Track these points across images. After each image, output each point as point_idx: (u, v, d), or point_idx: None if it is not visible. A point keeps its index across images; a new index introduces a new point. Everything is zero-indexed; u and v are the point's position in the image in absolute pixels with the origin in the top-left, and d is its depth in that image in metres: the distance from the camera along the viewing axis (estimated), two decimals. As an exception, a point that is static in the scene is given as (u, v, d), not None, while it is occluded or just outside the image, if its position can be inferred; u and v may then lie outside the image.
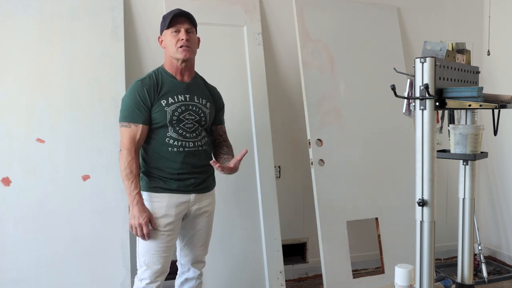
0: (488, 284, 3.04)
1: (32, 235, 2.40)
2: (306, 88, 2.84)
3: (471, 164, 2.00)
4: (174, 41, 1.97)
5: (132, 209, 1.90)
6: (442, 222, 3.45)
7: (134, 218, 1.89)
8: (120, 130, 1.94)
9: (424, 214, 1.66)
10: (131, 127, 1.91)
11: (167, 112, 1.95)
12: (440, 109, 1.76)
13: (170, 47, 1.99)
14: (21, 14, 2.48)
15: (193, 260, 2.13)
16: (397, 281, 1.74)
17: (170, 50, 1.99)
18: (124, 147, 1.91)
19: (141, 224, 1.89)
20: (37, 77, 2.49)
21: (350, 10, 3.08)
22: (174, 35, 1.98)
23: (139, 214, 1.89)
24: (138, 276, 2.01)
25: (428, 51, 1.79)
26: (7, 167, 2.39)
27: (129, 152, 1.90)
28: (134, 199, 1.89)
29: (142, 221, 1.89)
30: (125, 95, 1.97)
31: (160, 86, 1.96)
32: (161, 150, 1.96)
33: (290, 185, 3.11)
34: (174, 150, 1.96)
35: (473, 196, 2.02)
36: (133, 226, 1.90)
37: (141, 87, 1.93)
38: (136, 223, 1.89)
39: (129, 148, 1.91)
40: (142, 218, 1.89)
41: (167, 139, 1.96)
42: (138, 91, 1.93)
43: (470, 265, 2.04)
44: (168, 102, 1.96)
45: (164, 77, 2.00)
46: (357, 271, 3.17)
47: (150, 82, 1.96)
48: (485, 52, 3.44)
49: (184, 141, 1.98)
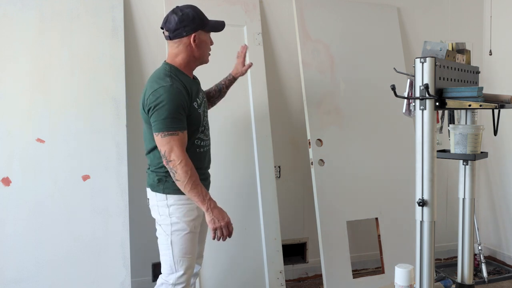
0: (488, 284, 3.04)
1: (32, 235, 2.40)
2: (306, 88, 2.84)
3: (471, 164, 2.01)
4: (209, 46, 1.97)
5: (211, 213, 1.81)
6: (442, 222, 3.45)
7: (219, 220, 1.82)
8: (164, 140, 1.78)
9: (424, 214, 1.67)
10: (179, 135, 1.79)
11: (200, 113, 1.92)
12: (440, 109, 1.76)
13: (204, 50, 1.95)
14: (21, 14, 2.48)
15: (197, 256, 2.11)
16: (397, 281, 1.74)
17: (203, 52, 1.95)
18: (180, 157, 1.77)
19: (227, 223, 1.84)
20: (37, 77, 2.49)
21: (350, 10, 3.08)
22: (209, 40, 1.98)
23: (221, 215, 1.83)
24: (171, 281, 1.93)
25: (428, 51, 1.79)
26: (7, 167, 2.39)
27: (187, 160, 1.79)
28: (211, 203, 1.82)
29: (227, 219, 1.85)
30: (161, 101, 1.78)
31: (188, 88, 1.88)
32: (191, 152, 1.88)
33: (290, 185, 3.11)
34: (201, 150, 1.96)
35: (473, 196, 2.02)
36: (218, 229, 1.82)
37: (178, 92, 1.81)
38: (223, 224, 1.82)
39: (185, 156, 1.79)
40: (226, 217, 1.85)
41: (196, 140, 1.92)
42: (178, 96, 1.80)
43: (470, 265, 2.05)
44: (198, 103, 1.92)
45: (182, 78, 1.90)
46: (357, 271, 3.17)
47: (180, 84, 1.85)
48: (486, 52, 3.44)
49: (206, 140, 1.99)
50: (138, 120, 2.77)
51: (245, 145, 2.77)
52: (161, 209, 1.90)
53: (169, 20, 1.88)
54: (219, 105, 2.38)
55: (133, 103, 2.75)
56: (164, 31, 1.92)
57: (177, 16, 1.86)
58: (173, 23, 1.87)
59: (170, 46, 1.93)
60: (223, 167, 2.68)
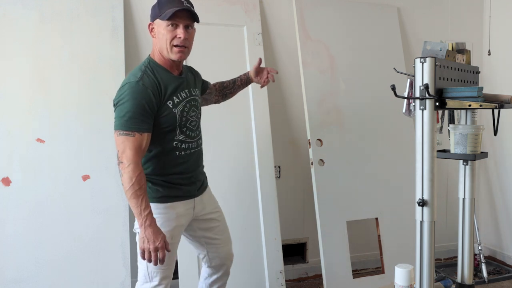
0: (488, 284, 3.04)
1: (32, 235, 2.40)
2: (306, 88, 2.84)
3: (471, 164, 2.01)
4: (169, 36, 1.71)
5: (144, 231, 1.64)
6: (442, 222, 3.45)
7: (149, 242, 1.63)
8: (119, 139, 1.65)
9: (424, 214, 1.67)
10: (136, 136, 1.64)
11: (176, 114, 1.75)
12: (440, 109, 1.76)
13: (162, 42, 1.73)
14: (21, 14, 2.48)
15: (225, 256, 2.05)
16: (397, 281, 1.74)
17: (162, 45, 1.73)
18: (129, 160, 1.62)
19: (157, 248, 1.64)
20: (37, 77, 2.49)
21: (350, 10, 3.08)
22: (170, 30, 1.71)
23: (154, 237, 1.63)
24: None
25: (428, 51, 1.79)
26: (7, 167, 2.39)
27: (136, 165, 1.63)
28: (147, 220, 1.63)
29: (158, 244, 1.64)
30: (123, 98, 1.66)
31: (162, 85, 1.72)
32: (167, 156, 1.77)
33: (290, 185, 3.11)
34: (182, 153, 1.80)
35: (473, 196, 2.02)
36: (145, 251, 1.65)
37: (143, 89, 1.66)
38: (151, 247, 1.63)
39: (136, 160, 1.63)
40: (158, 241, 1.64)
41: (174, 143, 1.77)
42: (141, 94, 1.65)
43: (470, 265, 2.05)
44: (175, 103, 1.75)
45: (161, 73, 1.75)
46: (357, 271, 3.17)
47: (151, 81, 1.69)
48: (485, 52, 3.44)
49: (190, 142, 1.83)
50: (138, 120, 2.77)
51: (245, 145, 2.77)
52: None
53: None
54: (219, 105, 2.38)
55: (133, 103, 2.75)
56: None
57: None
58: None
59: None
60: (223, 167, 2.68)
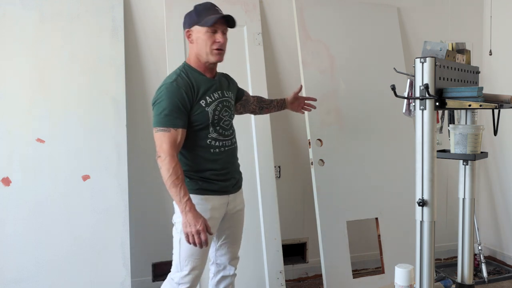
0: (488, 284, 3.04)
1: (32, 235, 2.40)
2: (306, 88, 2.84)
3: (471, 164, 2.01)
4: (209, 42, 1.87)
5: (185, 216, 1.77)
6: (442, 222, 3.45)
7: (190, 226, 1.76)
8: (157, 135, 1.80)
9: (424, 214, 1.67)
10: (171, 132, 1.79)
11: (208, 112, 1.88)
12: (440, 109, 1.76)
13: (202, 47, 1.88)
14: (21, 14, 2.48)
15: (231, 258, 2.11)
16: (397, 281, 1.74)
17: (202, 50, 1.88)
18: (166, 153, 1.77)
19: (199, 231, 1.76)
20: (37, 77, 2.49)
21: (350, 10, 3.08)
22: (209, 36, 1.87)
23: (194, 221, 1.76)
24: (175, 280, 1.92)
25: (428, 51, 1.79)
26: (7, 167, 2.40)
27: (172, 158, 1.77)
28: (186, 206, 1.77)
29: (199, 227, 1.76)
30: (159, 98, 1.82)
31: (195, 86, 1.86)
32: (202, 153, 1.89)
33: (290, 185, 3.11)
34: (216, 151, 1.91)
35: (473, 196, 2.03)
36: (189, 234, 1.77)
37: (177, 89, 1.81)
38: (193, 231, 1.76)
39: (172, 153, 1.78)
40: (199, 224, 1.76)
41: (208, 140, 1.90)
42: (175, 94, 1.80)
43: (470, 265, 2.05)
44: (207, 102, 1.88)
45: (194, 75, 1.89)
46: (357, 271, 3.17)
47: (184, 82, 1.84)
48: (486, 52, 3.44)
49: (224, 140, 1.95)
50: (138, 120, 2.78)
51: (245, 145, 2.77)
52: (177, 208, 1.90)
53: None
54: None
55: (133, 103, 2.75)
56: None
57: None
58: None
59: None
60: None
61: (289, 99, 2.41)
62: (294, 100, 2.41)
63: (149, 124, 2.78)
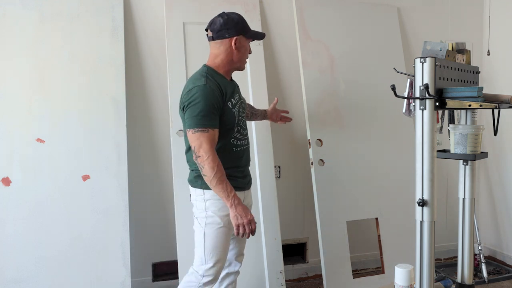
0: (488, 284, 3.04)
1: (32, 235, 2.40)
2: (306, 88, 2.84)
3: (471, 164, 2.01)
4: (247, 52, 2.04)
5: (235, 209, 1.87)
6: (442, 222, 3.45)
7: (242, 217, 1.88)
8: (195, 135, 1.85)
9: (424, 214, 1.67)
10: (209, 132, 1.86)
11: (234, 113, 1.98)
12: (440, 109, 1.76)
13: (243, 55, 2.03)
14: (21, 14, 2.48)
15: (238, 253, 2.17)
16: (397, 281, 1.74)
17: (241, 57, 2.02)
18: (208, 152, 1.84)
19: (250, 221, 1.89)
20: (37, 77, 2.49)
21: (350, 10, 3.08)
22: (248, 47, 2.05)
23: (244, 213, 1.88)
24: (200, 272, 1.97)
25: (428, 51, 1.79)
26: (7, 167, 2.40)
27: (214, 156, 1.85)
28: (234, 200, 1.88)
29: (250, 217, 1.90)
30: (194, 99, 1.86)
31: (222, 88, 1.95)
32: (227, 151, 1.97)
33: (290, 185, 3.11)
34: (238, 149, 2.02)
35: (473, 196, 2.03)
36: (240, 226, 1.88)
37: (211, 91, 1.88)
38: (245, 221, 1.88)
39: (213, 152, 1.86)
40: (248, 215, 1.90)
41: (232, 139, 1.99)
42: (210, 95, 1.87)
43: (470, 265, 2.05)
44: (233, 103, 1.98)
45: (218, 79, 1.97)
46: (357, 271, 3.17)
47: (213, 85, 1.91)
48: (485, 52, 3.44)
49: (243, 139, 2.06)
50: (138, 120, 2.78)
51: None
52: (199, 203, 1.98)
53: (214, 22, 1.99)
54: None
55: (133, 103, 2.75)
56: (208, 32, 2.01)
57: (223, 19, 1.97)
58: (218, 25, 1.97)
59: (212, 47, 2.02)
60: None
61: (269, 110, 2.53)
62: (273, 111, 2.54)
63: (149, 124, 2.80)
